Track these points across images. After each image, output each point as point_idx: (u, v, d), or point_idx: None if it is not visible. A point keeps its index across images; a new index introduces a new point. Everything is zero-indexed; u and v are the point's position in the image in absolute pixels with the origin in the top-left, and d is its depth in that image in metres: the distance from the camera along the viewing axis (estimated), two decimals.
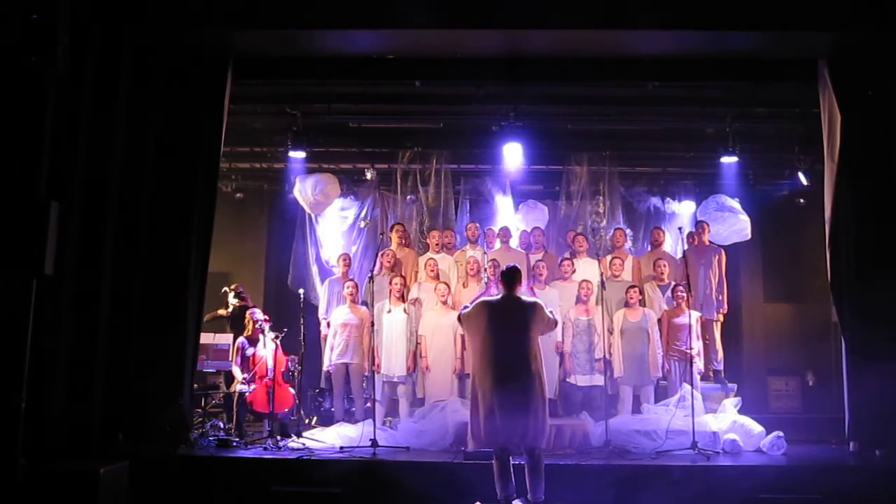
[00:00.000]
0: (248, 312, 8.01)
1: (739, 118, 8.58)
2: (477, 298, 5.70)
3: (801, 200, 9.82)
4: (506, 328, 5.33)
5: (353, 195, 9.92)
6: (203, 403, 7.94)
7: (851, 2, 6.49)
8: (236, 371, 7.60)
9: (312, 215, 9.75)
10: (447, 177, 9.64)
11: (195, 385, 7.16)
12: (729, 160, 8.89)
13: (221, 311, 8.74)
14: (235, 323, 8.39)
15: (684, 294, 7.74)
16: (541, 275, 7.83)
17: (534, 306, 5.44)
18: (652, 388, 7.70)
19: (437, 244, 8.69)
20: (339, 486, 5.86)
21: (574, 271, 8.12)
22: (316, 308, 8.78)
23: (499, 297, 5.56)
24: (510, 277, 5.52)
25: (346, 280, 8.38)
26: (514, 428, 5.20)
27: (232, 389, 7.62)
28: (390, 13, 6.54)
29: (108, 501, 5.32)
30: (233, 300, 8.73)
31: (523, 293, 5.82)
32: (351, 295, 8.00)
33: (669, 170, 10.01)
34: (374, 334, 7.63)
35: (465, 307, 5.64)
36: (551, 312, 5.58)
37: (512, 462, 5.39)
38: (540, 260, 8.11)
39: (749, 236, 9.47)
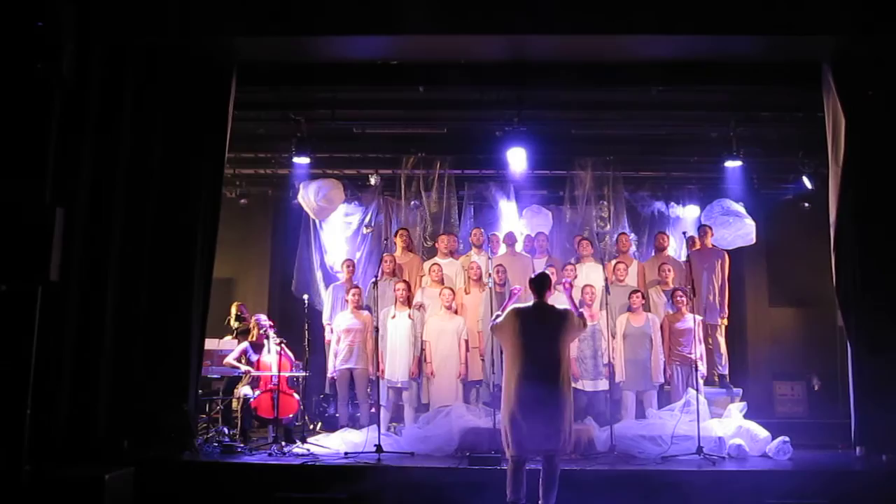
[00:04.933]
0: (253, 318, 8.02)
1: (743, 122, 8.58)
2: (506, 306, 5.64)
3: (806, 204, 9.80)
4: (537, 336, 5.34)
5: (357, 201, 9.92)
6: (208, 409, 7.95)
7: (855, 5, 6.48)
8: (231, 362, 7.59)
9: (317, 221, 9.77)
10: (451, 182, 9.65)
11: (200, 391, 7.16)
12: (733, 164, 8.89)
13: (228, 338, 8.70)
14: (243, 339, 8.36)
15: (684, 298, 7.73)
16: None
17: (566, 314, 5.47)
18: (654, 394, 7.68)
19: (444, 249, 8.69)
20: (343, 491, 5.86)
21: (576, 276, 8.11)
22: (320, 313, 8.79)
23: (530, 304, 5.54)
24: (540, 284, 5.54)
25: (350, 285, 8.38)
26: (541, 433, 5.21)
27: (236, 395, 7.62)
28: (394, 19, 6.55)
29: None
30: (234, 323, 8.74)
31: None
32: (355, 300, 8.00)
33: (673, 174, 10.00)
34: (380, 340, 7.65)
35: (497, 316, 5.60)
36: (580, 314, 5.61)
37: (526, 468, 5.38)
38: (549, 265, 8.11)
39: (754, 240, 9.45)
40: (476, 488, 5.74)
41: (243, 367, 7.55)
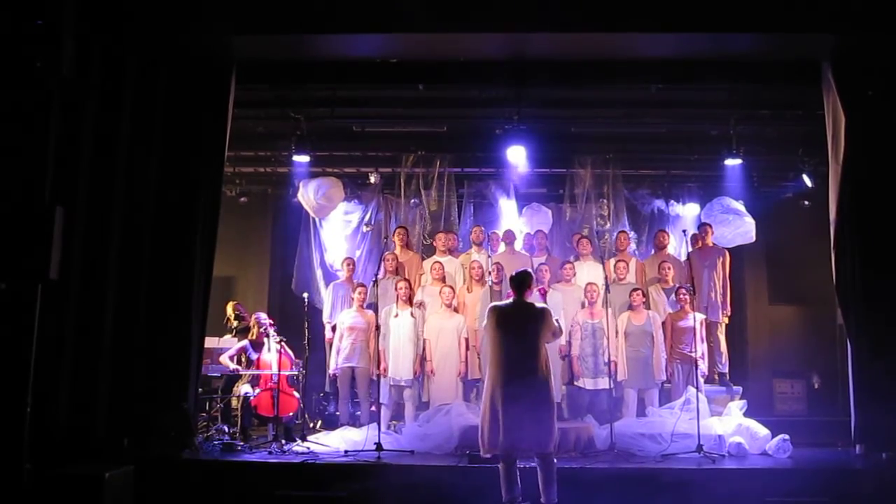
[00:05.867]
0: (253, 316, 8.01)
1: (743, 120, 8.58)
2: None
3: (806, 202, 9.79)
4: (515, 333, 5.31)
5: (356, 199, 9.93)
6: (208, 408, 7.95)
7: (855, 5, 6.47)
8: (225, 360, 7.57)
9: (317, 219, 9.77)
10: (450, 180, 9.66)
11: (199, 389, 7.17)
12: (733, 162, 8.90)
13: (227, 337, 8.70)
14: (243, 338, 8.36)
15: (687, 296, 7.73)
16: (544, 278, 7.81)
17: (542, 312, 5.41)
18: (656, 392, 7.69)
19: (443, 247, 8.69)
20: (343, 490, 5.86)
21: (574, 274, 8.11)
22: (320, 311, 8.79)
23: (509, 302, 5.53)
24: (519, 282, 5.50)
25: (350, 284, 8.38)
26: (522, 433, 5.17)
27: (235, 393, 7.62)
28: (393, 17, 6.55)
29: None
30: (234, 322, 8.74)
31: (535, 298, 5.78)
32: (361, 299, 8.00)
33: (673, 172, 9.99)
34: (381, 338, 7.64)
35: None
36: (557, 321, 5.54)
37: (518, 465, 5.37)
38: (543, 263, 8.12)
39: (754, 238, 9.45)
40: (475, 486, 5.75)
41: (232, 367, 7.54)
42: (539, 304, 5.57)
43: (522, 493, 5.33)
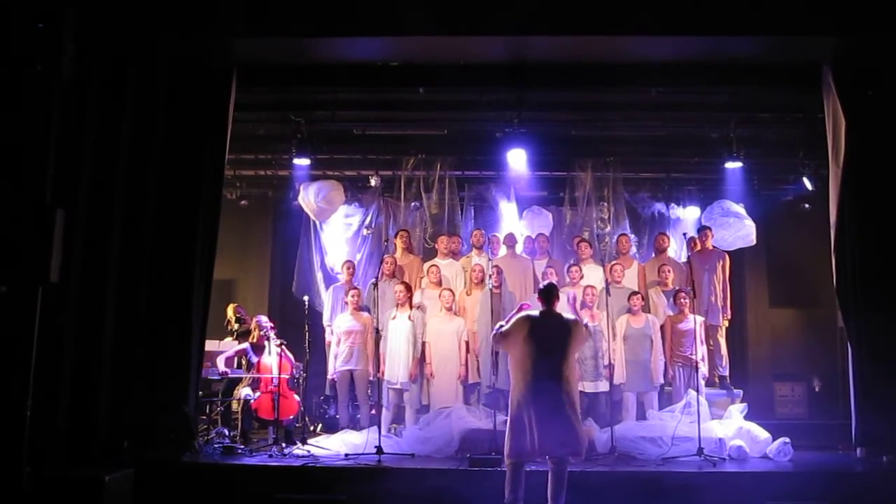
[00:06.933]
0: (254, 319, 8.01)
1: (743, 123, 8.59)
2: (511, 316, 5.63)
3: (807, 205, 9.80)
4: (546, 344, 5.37)
5: (357, 202, 9.92)
6: (208, 411, 7.95)
7: (855, 6, 6.48)
8: (220, 361, 7.56)
9: (317, 222, 9.77)
10: (451, 183, 9.65)
11: (200, 392, 7.16)
12: (733, 165, 8.90)
13: (227, 340, 8.69)
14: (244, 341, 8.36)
15: (687, 300, 7.72)
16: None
17: (574, 324, 5.52)
18: (655, 395, 7.67)
19: (444, 249, 8.68)
20: (343, 493, 5.86)
21: (582, 277, 8.10)
22: (320, 315, 8.79)
23: (539, 312, 5.56)
24: (548, 294, 5.58)
25: (349, 287, 8.38)
26: (552, 441, 5.23)
27: (235, 396, 7.62)
28: (394, 20, 6.56)
29: None
30: (235, 325, 8.74)
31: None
32: (354, 302, 8.00)
33: (673, 175, 10.00)
34: (382, 341, 7.63)
35: (501, 326, 5.61)
36: (585, 326, 5.64)
37: (526, 468, 5.39)
38: (549, 266, 8.11)
39: (754, 241, 9.45)
40: (476, 489, 5.74)
41: (222, 369, 7.53)
42: (568, 315, 5.64)
43: (525, 496, 5.33)
